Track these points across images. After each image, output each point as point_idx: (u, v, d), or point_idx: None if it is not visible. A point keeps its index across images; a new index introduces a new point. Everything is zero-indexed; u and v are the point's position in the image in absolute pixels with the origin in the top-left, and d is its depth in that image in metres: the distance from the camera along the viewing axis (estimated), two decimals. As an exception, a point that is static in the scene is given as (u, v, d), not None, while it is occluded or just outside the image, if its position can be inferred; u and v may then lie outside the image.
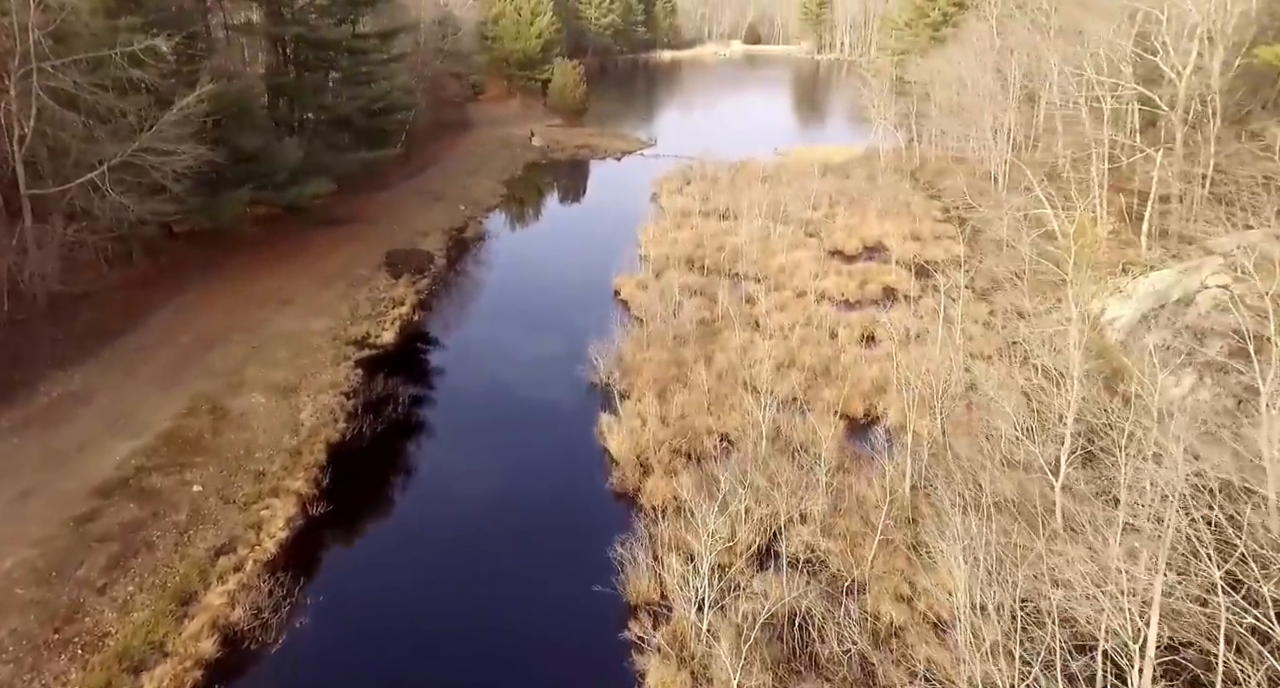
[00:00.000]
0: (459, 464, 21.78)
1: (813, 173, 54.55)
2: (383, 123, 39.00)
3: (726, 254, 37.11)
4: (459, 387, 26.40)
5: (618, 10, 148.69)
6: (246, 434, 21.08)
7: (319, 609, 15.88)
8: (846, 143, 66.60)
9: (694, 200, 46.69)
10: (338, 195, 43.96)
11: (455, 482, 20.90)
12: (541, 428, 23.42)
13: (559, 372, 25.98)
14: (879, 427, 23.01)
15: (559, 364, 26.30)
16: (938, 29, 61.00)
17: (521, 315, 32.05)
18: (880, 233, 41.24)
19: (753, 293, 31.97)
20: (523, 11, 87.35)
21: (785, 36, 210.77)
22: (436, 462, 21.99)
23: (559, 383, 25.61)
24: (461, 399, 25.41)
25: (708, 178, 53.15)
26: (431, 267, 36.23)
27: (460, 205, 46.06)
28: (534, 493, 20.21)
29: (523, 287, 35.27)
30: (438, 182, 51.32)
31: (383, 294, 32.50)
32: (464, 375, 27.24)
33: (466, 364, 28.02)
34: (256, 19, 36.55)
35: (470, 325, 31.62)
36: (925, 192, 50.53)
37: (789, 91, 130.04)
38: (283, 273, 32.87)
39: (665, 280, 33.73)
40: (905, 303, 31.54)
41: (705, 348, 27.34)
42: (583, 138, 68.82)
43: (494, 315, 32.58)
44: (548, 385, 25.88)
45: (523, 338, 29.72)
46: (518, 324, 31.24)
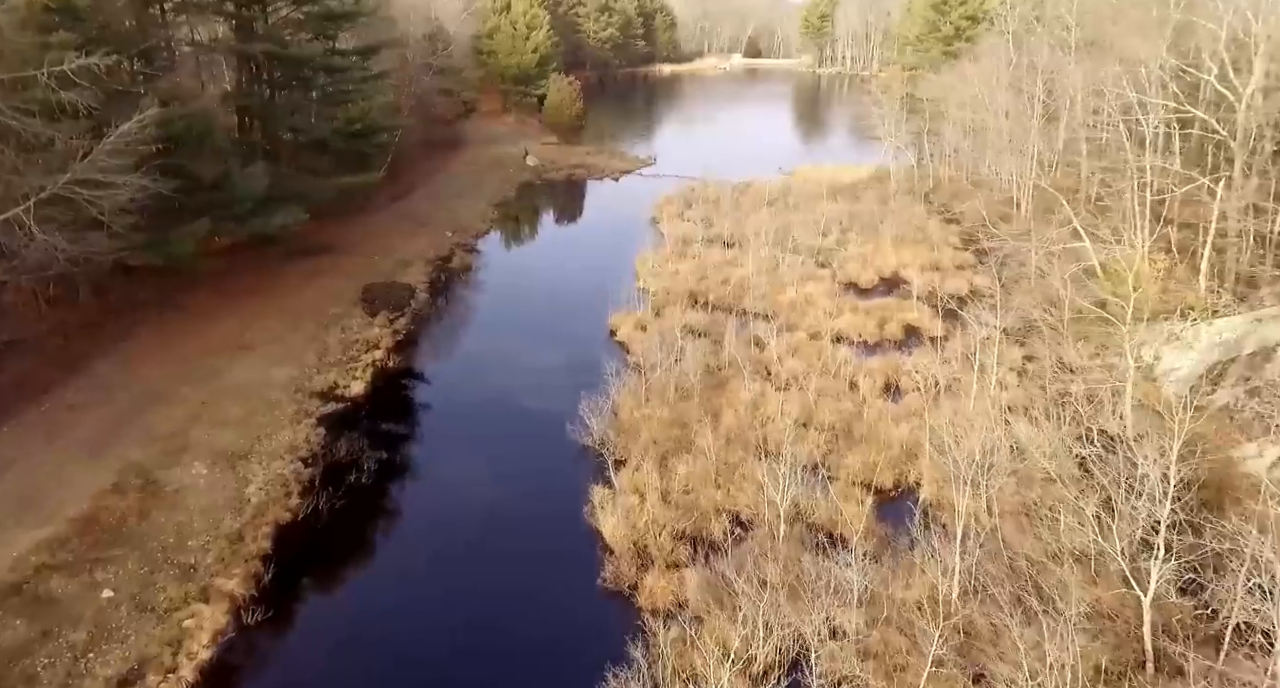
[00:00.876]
0: (425, 555, 18.74)
1: (821, 195, 51.87)
2: (362, 145, 36.21)
3: (732, 288, 34.23)
4: (432, 451, 23.37)
5: (616, 24, 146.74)
6: (180, 516, 18.08)
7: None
8: (855, 162, 63.87)
9: (696, 226, 43.89)
10: (315, 222, 41.10)
11: (419, 579, 17.84)
12: (525, 505, 20.38)
13: (547, 431, 22.98)
14: (913, 501, 20.00)
15: (547, 423, 23.30)
16: (949, 43, 58.47)
17: (507, 361, 29.06)
18: (897, 263, 38.37)
19: (762, 335, 29.05)
20: (518, 25, 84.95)
21: (786, 50, 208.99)
22: (399, 551, 18.98)
23: (546, 447, 22.62)
24: (434, 468, 22.36)
25: (710, 200, 50.40)
26: (412, 302, 33.32)
27: (447, 231, 43.20)
28: (512, 596, 17.13)
29: (510, 326, 32.30)
30: (425, 205, 48.50)
31: (356, 335, 29.55)
32: (439, 436, 24.23)
33: (443, 421, 25.02)
34: (223, 34, 33.82)
35: (450, 373, 28.59)
36: (941, 215, 47.72)
37: (791, 106, 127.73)
38: (247, 311, 29.94)
39: (666, 319, 30.87)
40: (930, 346, 28.67)
41: (711, 402, 24.39)
42: (579, 156, 66.13)
43: (477, 361, 29.56)
44: (533, 450, 22.91)
45: (508, 389, 26.75)
46: (503, 371, 28.27)
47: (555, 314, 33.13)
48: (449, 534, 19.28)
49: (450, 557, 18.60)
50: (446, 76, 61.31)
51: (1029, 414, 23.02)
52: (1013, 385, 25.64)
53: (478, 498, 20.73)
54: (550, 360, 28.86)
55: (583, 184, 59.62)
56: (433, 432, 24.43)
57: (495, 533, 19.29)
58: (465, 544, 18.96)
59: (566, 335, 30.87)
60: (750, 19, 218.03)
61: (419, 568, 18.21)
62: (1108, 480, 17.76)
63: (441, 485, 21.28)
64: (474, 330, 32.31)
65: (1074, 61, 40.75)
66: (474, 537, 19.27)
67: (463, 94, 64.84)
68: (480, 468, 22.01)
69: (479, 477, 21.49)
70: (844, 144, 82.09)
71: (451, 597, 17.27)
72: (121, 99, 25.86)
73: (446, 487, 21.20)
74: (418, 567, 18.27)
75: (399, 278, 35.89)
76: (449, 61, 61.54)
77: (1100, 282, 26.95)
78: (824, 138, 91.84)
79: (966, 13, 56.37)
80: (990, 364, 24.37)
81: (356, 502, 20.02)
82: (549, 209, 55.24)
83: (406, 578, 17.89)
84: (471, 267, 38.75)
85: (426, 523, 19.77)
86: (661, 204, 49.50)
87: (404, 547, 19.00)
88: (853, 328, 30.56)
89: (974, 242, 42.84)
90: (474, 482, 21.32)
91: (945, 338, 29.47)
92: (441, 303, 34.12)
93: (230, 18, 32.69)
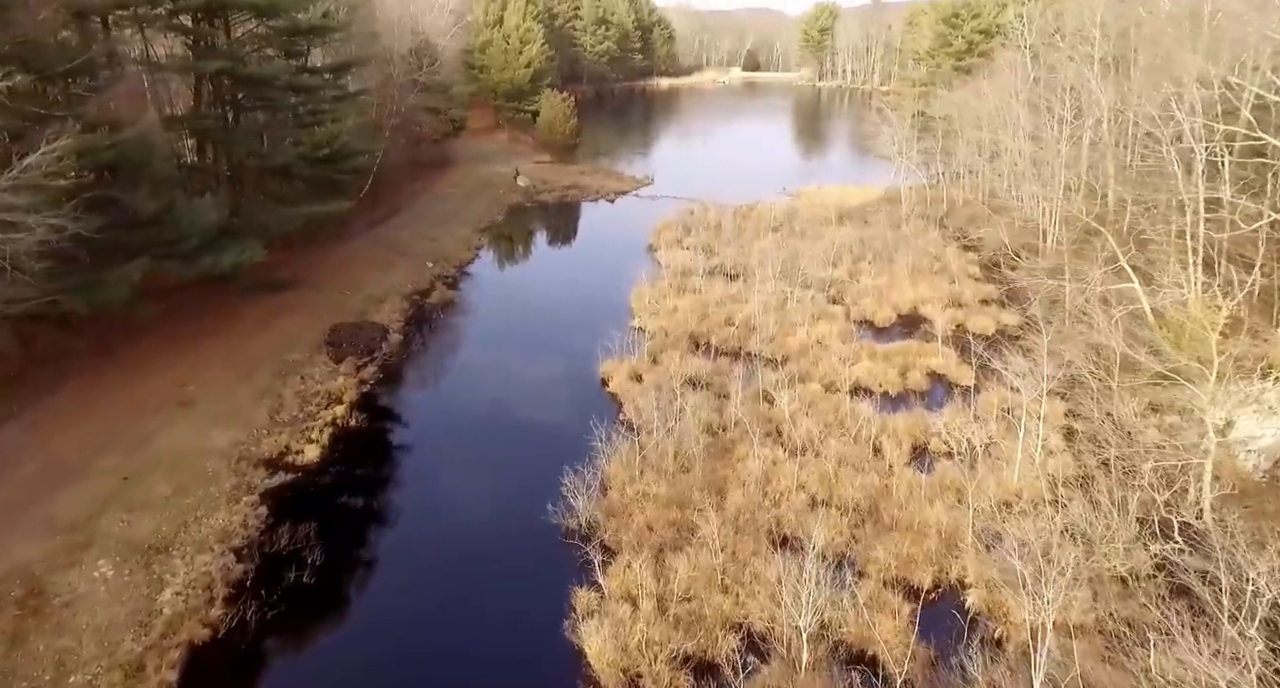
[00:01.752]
0: (369, 684, 15.41)
1: (829, 219, 48.88)
2: (331, 171, 33.11)
3: (737, 328, 31.09)
4: (390, 539, 20.00)
5: (614, 37, 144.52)
6: (64, 640, 14.80)
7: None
8: (862, 182, 60.97)
9: (695, 255, 40.79)
10: (282, 252, 38.06)
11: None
12: (496, 615, 17.05)
13: (526, 512, 19.74)
14: (957, 607, 16.76)
15: (526, 500, 20.06)
16: (961, 58, 55.62)
17: (485, 420, 25.78)
18: (915, 297, 35.26)
19: (771, 387, 25.86)
20: (511, 40, 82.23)
21: (785, 63, 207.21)
22: (337, 677, 15.60)
23: (524, 533, 19.36)
24: (389, 562, 18.94)
25: (710, 225, 47.38)
26: (383, 345, 30.16)
27: (428, 262, 40.07)
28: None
29: (491, 375, 28.99)
30: (406, 231, 45.40)
31: (317, 386, 26.37)
32: (400, 518, 20.85)
33: (406, 498, 21.66)
34: (177, 51, 30.75)
35: (418, 435, 25.20)
36: (958, 242, 44.69)
37: (793, 121, 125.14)
38: (194, 359, 26.72)
39: (664, 365, 27.75)
40: (960, 399, 25.51)
41: (715, 474, 21.18)
42: (573, 176, 63.14)
43: (451, 420, 26.19)
44: (509, 537, 19.60)
45: (484, 457, 23.48)
46: (479, 433, 24.99)
47: (541, 359, 29.93)
48: (402, 653, 15.99)
49: (403, 686, 15.33)
50: (433, 94, 58.33)
51: (1086, 491, 19.83)
52: (1058, 447, 22.45)
53: (439, 605, 17.45)
54: (533, 419, 25.63)
55: (576, 206, 56.57)
56: (393, 511, 21.12)
57: (458, 659, 15.99)
58: (421, 671, 15.66)
59: (553, 387, 27.66)
60: (749, 32, 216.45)
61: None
62: (1202, 589, 14.61)
63: (396, 587, 17.96)
64: (449, 381, 29.00)
65: (1098, 78, 37.83)
66: (432, 661, 15.98)
67: (450, 111, 61.85)
68: (445, 562, 18.71)
69: (442, 576, 18.19)
70: (849, 161, 79.36)
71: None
72: (46, 124, 22.69)
73: (402, 589, 17.89)
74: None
75: (371, 316, 32.74)
76: (436, 78, 58.55)
77: (1155, 329, 23.85)
78: (828, 154, 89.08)
79: (979, 26, 53.56)
80: (1035, 428, 21.23)
81: (293, 609, 16.73)
82: (539, 235, 52.04)
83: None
84: (452, 303, 35.53)
85: (376, 637, 16.48)
86: (659, 230, 46.43)
87: (343, 672, 15.65)
88: (872, 377, 27.38)
89: (995, 271, 39.82)
90: (436, 583, 18.02)
91: (977, 388, 26.39)
92: (416, 346, 30.88)
93: (185, 32, 29.63)
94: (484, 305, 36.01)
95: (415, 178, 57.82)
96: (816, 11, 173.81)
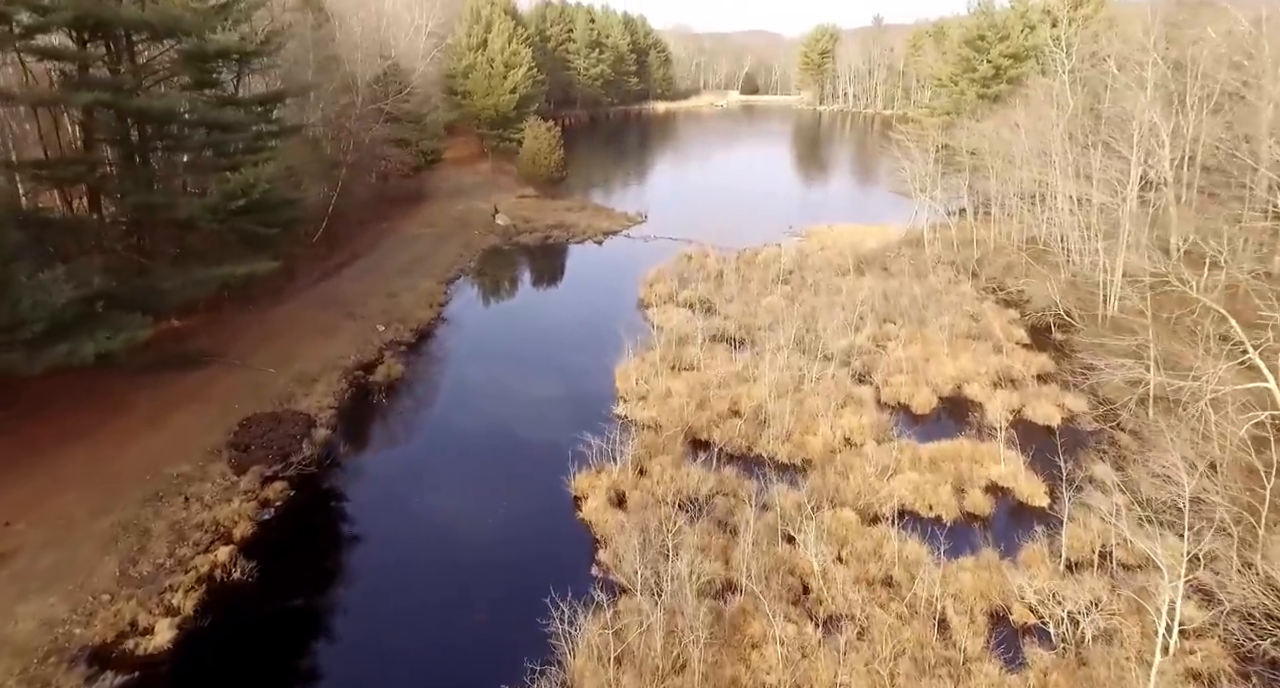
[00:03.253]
0: None
1: (844, 265, 43.10)
2: (253, 224, 27.25)
3: (744, 421, 25.11)
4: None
5: (608, 61, 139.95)
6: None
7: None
8: (876, 219, 55.31)
9: (694, 315, 34.89)
10: (205, 316, 32.19)
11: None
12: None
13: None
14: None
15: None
16: (987, 85, 50.12)
17: (419, 568, 19.44)
18: (956, 373, 29.31)
19: (791, 514, 19.83)
20: (495, 63, 76.95)
21: (784, 86, 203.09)
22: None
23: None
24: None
25: (709, 275, 41.58)
26: (304, 446, 24.06)
27: (379, 325, 34.07)
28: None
29: (432, 494, 22.56)
30: (361, 283, 39.49)
31: (203, 513, 20.27)
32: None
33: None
34: (36, 80, 24.96)
35: (325, 589, 18.95)
36: (995, 296, 38.82)
37: (794, 148, 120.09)
38: (44, 479, 20.67)
39: (653, 477, 21.76)
40: (1038, 530, 19.51)
41: (721, 672, 15.09)
42: (558, 213, 57.38)
43: (370, 567, 19.62)
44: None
45: (415, 629, 17.33)
46: (409, 591, 18.64)
47: (500, 469, 23.82)
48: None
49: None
50: (403, 124, 52.72)
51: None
52: (1195, 622, 16.35)
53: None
54: (486, 559, 19.50)
55: (560, 250, 50.61)
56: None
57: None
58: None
59: (512, 516, 21.43)
60: (747, 55, 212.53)
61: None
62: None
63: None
64: (375, 501, 22.50)
65: (1155, 108, 32.24)
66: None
67: (422, 143, 56.17)
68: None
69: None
70: (858, 194, 73.81)
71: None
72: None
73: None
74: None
75: (296, 402, 26.71)
76: (405, 106, 53.00)
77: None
78: (834, 184, 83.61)
79: (1008, 50, 48.09)
80: (1166, 608, 15.17)
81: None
82: (514, 287, 45.79)
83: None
84: (400, 381, 29.41)
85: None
86: (651, 281, 40.56)
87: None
88: (919, 495, 21.35)
89: (1046, 335, 33.95)
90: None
91: (1055, 512, 20.37)
92: (343, 448, 24.65)
93: (54, 57, 23.83)
94: (438, 387, 29.82)
95: (382, 217, 52.11)
96: (816, 33, 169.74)
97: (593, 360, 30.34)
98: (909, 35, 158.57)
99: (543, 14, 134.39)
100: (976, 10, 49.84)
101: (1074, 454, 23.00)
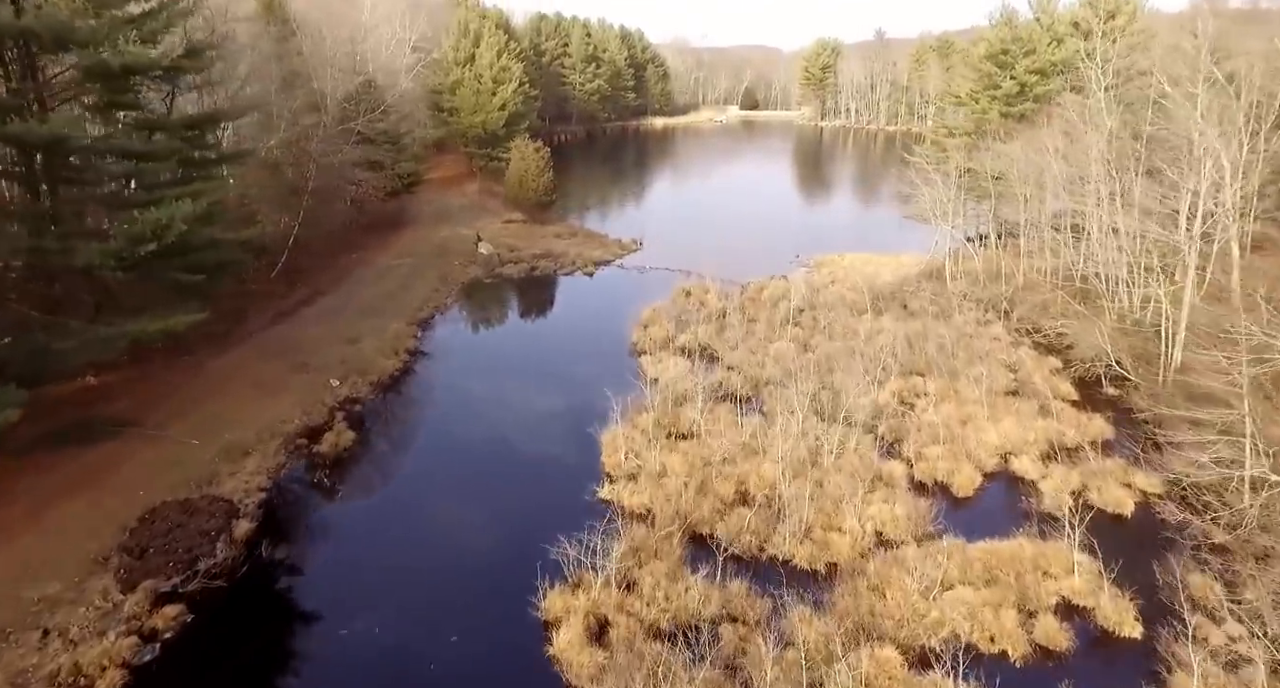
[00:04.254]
0: None
1: (859, 301, 38.94)
2: (173, 270, 23.05)
3: (754, 511, 20.77)
4: None
5: (605, 76, 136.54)
6: None
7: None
8: (888, 246, 51.18)
9: (693, 364, 30.62)
10: (130, 371, 27.93)
11: None
12: None
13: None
14: None
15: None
16: (1011, 104, 46.09)
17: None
18: (999, 442, 25.00)
19: (815, 648, 15.53)
20: (484, 79, 73.09)
21: (784, 101, 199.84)
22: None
23: None
24: None
25: (710, 314, 37.32)
26: (219, 546, 19.70)
27: (334, 379, 29.77)
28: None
29: (372, 611, 17.99)
30: (320, 326, 35.24)
31: (60, 658, 15.80)
32: None
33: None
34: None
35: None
36: (1030, 338, 34.56)
37: (797, 165, 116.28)
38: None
39: (642, 592, 17.44)
40: (1138, 678, 15.20)
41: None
42: (546, 240, 53.22)
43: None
44: None
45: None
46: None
47: (454, 580, 19.37)
48: None
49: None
50: (377, 145, 48.65)
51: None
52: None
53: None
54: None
55: (547, 282, 46.33)
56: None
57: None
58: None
59: (463, 649, 16.99)
60: (746, 69, 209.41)
61: None
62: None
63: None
64: (299, 628, 18.04)
65: (1209, 130, 28.15)
66: None
67: (399, 165, 52.03)
68: None
69: None
70: (867, 216, 69.63)
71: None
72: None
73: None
74: None
75: (219, 484, 22.39)
76: (379, 126, 48.95)
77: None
78: (842, 206, 79.58)
79: (1034, 65, 44.07)
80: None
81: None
82: (493, 327, 41.24)
83: None
84: (349, 453, 24.95)
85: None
86: (646, 322, 36.31)
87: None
88: (976, 624, 16.96)
89: (1097, 390, 29.68)
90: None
91: (1150, 643, 16.07)
92: (269, 547, 20.21)
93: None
94: (390, 464, 25.29)
95: (353, 246, 47.96)
96: (818, 48, 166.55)
97: (576, 427, 26.00)
98: (912, 50, 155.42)
99: (537, 28, 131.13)
100: (999, 22, 45.89)
101: (1160, 558, 18.77)
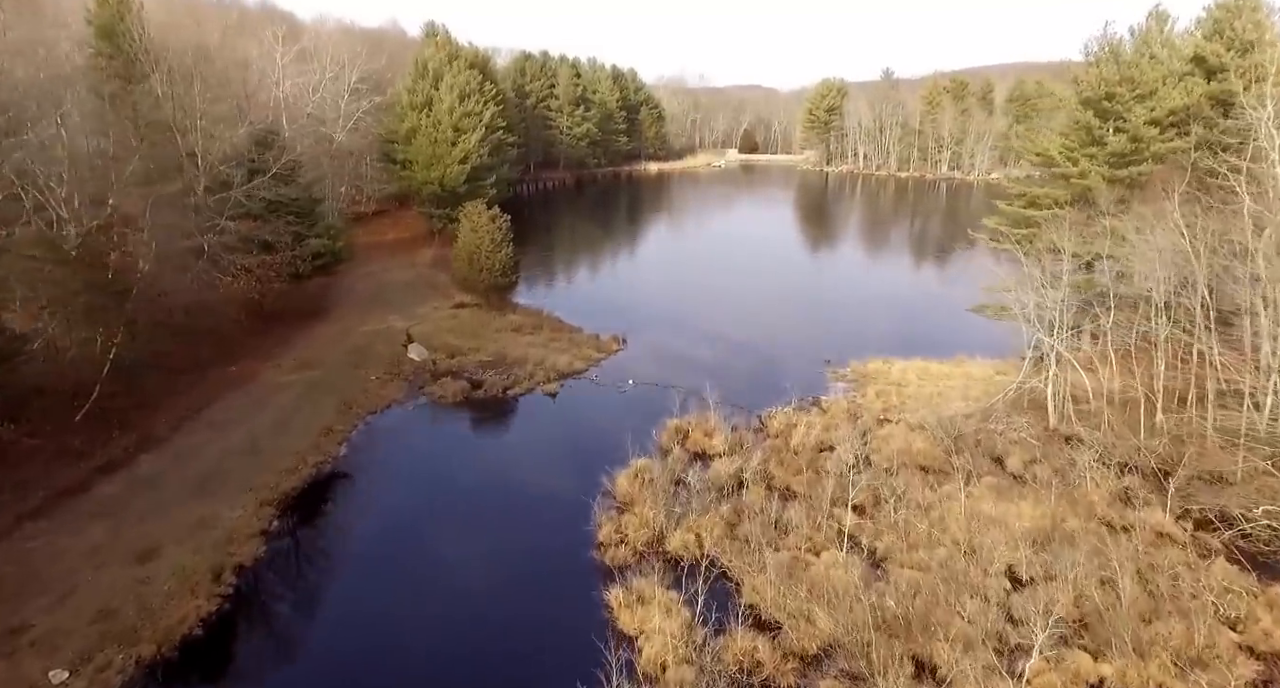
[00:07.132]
0: None
1: (933, 453, 26.70)
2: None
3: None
4: None
5: (594, 119, 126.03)
6: None
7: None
8: (949, 346, 38.98)
9: (695, 614, 18.21)
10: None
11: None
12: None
13: None
14: None
15: None
16: (1122, 165, 34.32)
17: None
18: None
19: None
20: (442, 127, 61.57)
21: (785, 144, 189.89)
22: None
23: None
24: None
25: (717, 480, 24.85)
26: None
27: (54, 670, 17.10)
28: None
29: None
30: (106, 522, 22.69)
31: None
32: None
33: None
34: None
35: None
36: (1213, 533, 22.20)
37: (809, 220, 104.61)
38: None
39: None
40: None
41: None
42: (502, 336, 41.01)
43: None
44: None
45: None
46: None
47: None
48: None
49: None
50: (275, 219, 36.73)
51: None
52: None
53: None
54: None
55: (490, 413, 33.19)
56: None
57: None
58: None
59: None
60: (745, 111, 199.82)
61: None
62: None
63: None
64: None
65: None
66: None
67: (310, 241, 39.91)
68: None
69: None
70: (907, 295, 57.20)
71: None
72: None
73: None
74: None
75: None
76: (283, 191, 37.10)
77: None
78: (871, 276, 67.61)
79: (1153, 115, 32.37)
80: None
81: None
82: (387, 502, 25.46)
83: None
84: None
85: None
86: (622, 496, 23.97)
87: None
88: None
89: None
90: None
91: None
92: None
93: None
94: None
95: (235, 354, 35.67)
96: (823, 89, 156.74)
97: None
98: (923, 90, 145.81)
99: (521, 67, 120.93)
100: (1102, 57, 34.01)
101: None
